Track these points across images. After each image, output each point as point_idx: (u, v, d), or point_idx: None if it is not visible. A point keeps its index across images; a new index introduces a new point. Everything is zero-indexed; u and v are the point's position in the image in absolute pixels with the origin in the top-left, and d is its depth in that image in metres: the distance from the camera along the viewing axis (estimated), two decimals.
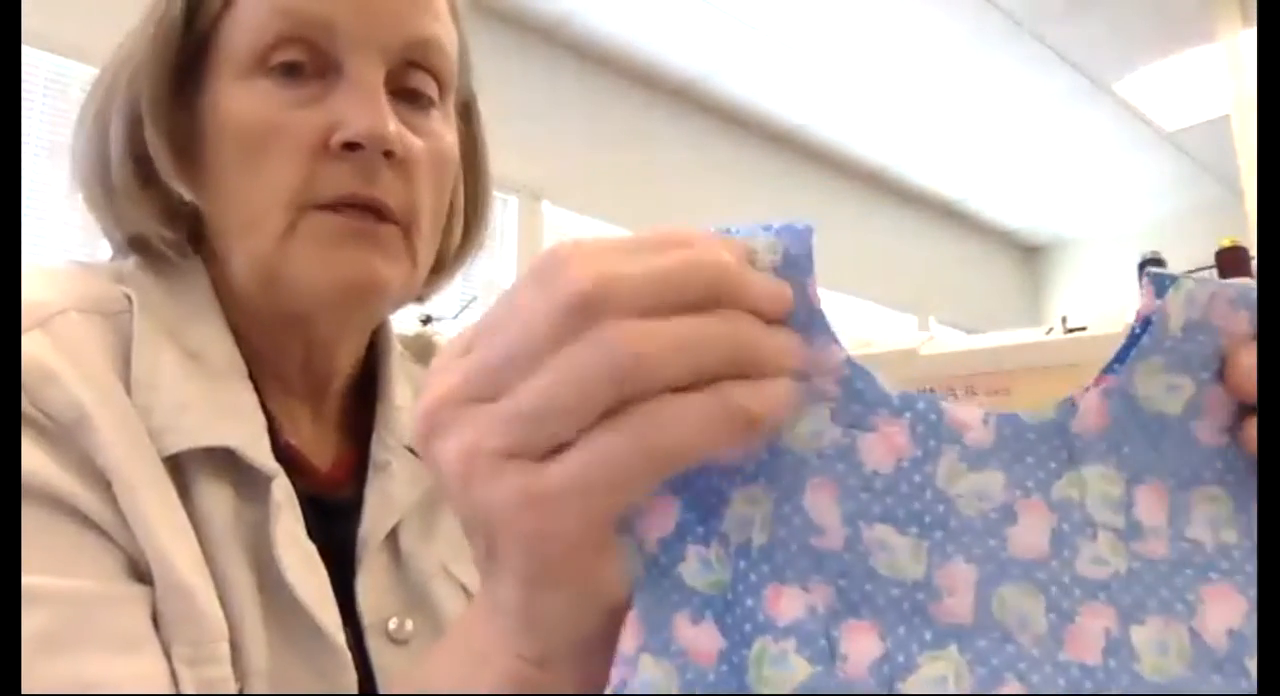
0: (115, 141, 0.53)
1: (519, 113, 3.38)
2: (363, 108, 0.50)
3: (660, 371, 0.24)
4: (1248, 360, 0.27)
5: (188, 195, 0.52)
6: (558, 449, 0.24)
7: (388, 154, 0.51)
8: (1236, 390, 0.27)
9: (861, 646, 0.25)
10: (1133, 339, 0.28)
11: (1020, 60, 3.76)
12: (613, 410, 0.24)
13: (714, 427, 0.24)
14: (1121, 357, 0.28)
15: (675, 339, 0.24)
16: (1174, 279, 0.27)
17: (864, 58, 3.75)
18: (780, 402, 0.26)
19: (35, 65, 2.45)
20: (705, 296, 0.25)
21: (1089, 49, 3.70)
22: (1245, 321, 0.27)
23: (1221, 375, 0.27)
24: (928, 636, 0.25)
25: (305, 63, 0.51)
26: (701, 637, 0.25)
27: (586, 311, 0.24)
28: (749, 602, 0.25)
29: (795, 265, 0.27)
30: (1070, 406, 0.27)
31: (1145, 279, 0.27)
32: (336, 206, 0.50)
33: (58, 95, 2.49)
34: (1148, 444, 0.27)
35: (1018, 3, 3.41)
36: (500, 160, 0.65)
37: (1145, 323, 0.27)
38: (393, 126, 0.51)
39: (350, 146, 0.50)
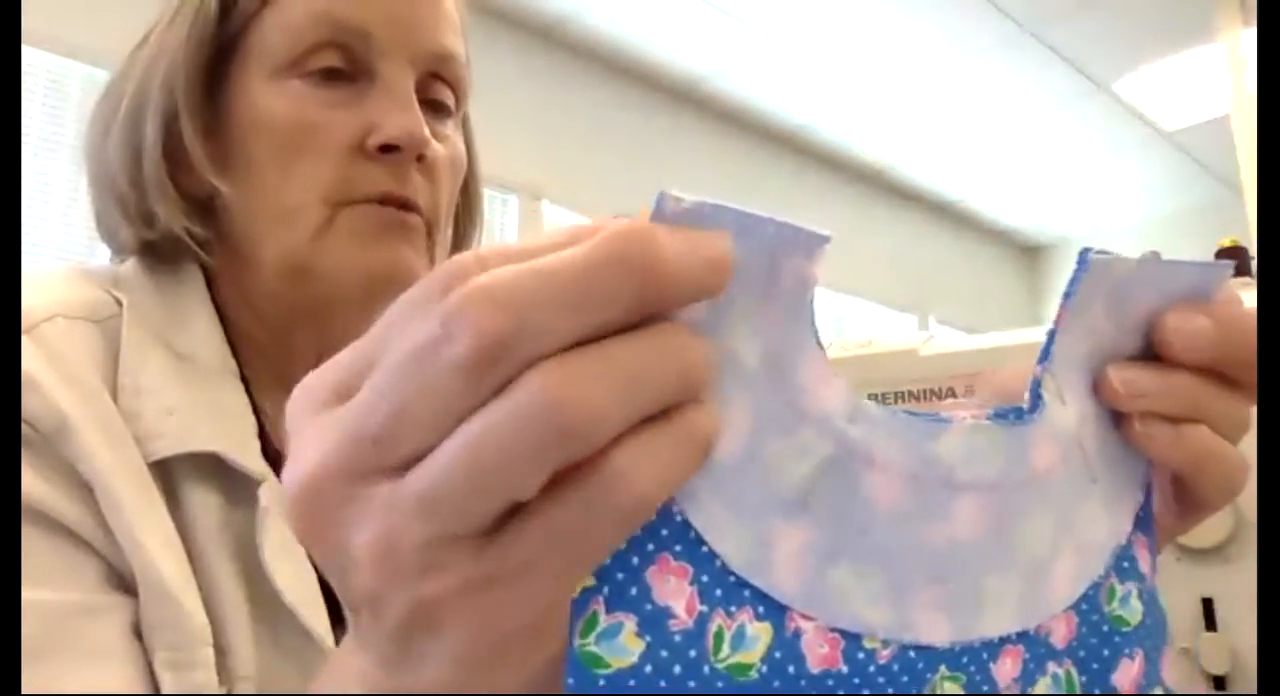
0: (151, 137, 0.53)
1: (519, 113, 3.38)
2: (399, 112, 0.52)
3: (612, 425, 0.19)
4: (1174, 320, 0.26)
5: (224, 188, 0.53)
6: (501, 520, 0.20)
7: (419, 157, 0.53)
8: (1161, 349, 0.27)
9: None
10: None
11: (1020, 60, 3.76)
12: (561, 473, 0.20)
13: (681, 465, 0.21)
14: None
15: (621, 381, 0.20)
16: (1088, 258, 0.26)
17: (865, 58, 3.75)
18: (720, 420, 0.22)
19: (35, 65, 2.45)
20: (631, 306, 0.20)
21: (1089, 49, 3.70)
22: (1166, 293, 0.27)
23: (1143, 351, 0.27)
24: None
25: (341, 67, 0.53)
26: None
27: (502, 362, 0.19)
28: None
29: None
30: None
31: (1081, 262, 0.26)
32: (372, 202, 0.52)
33: (58, 95, 2.49)
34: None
35: (1018, 3, 3.41)
36: (500, 160, 0.67)
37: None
38: (426, 131, 0.53)
39: (386, 149, 0.52)
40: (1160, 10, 3.44)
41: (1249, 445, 0.28)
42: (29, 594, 0.41)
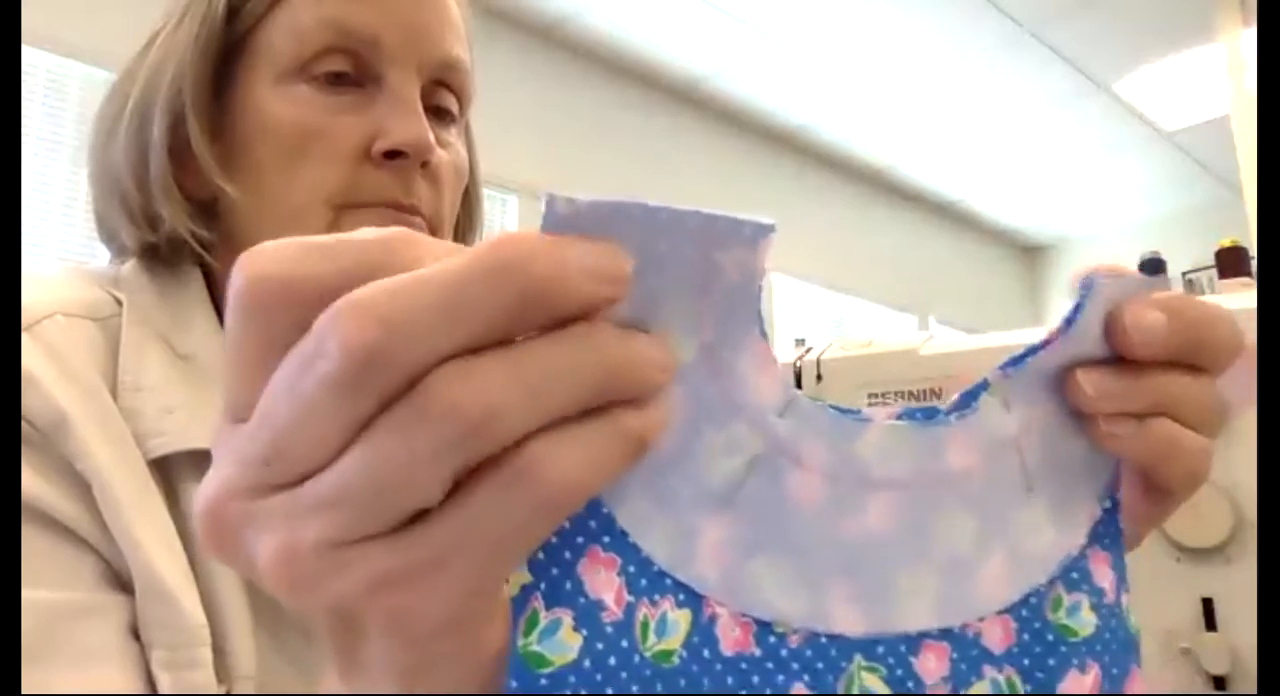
0: (157, 137, 0.53)
1: (519, 113, 3.38)
2: (405, 119, 0.52)
3: (513, 422, 0.19)
4: (1130, 318, 0.26)
5: (229, 190, 0.53)
6: (411, 518, 0.20)
7: (423, 164, 0.53)
8: (1120, 348, 0.27)
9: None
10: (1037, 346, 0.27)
11: (1020, 60, 3.76)
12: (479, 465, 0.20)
13: (607, 458, 0.20)
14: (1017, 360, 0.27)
15: (524, 379, 0.19)
16: (1094, 283, 0.26)
17: (865, 58, 3.75)
18: (662, 421, 0.22)
19: (35, 65, 2.45)
20: (511, 314, 0.19)
21: (1089, 49, 3.70)
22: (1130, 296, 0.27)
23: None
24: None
25: (348, 72, 0.53)
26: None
27: (377, 373, 0.19)
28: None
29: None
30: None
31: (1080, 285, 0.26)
32: (376, 207, 0.53)
33: (57, 95, 2.49)
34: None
35: (1018, 3, 3.41)
36: (500, 160, 0.67)
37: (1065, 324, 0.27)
38: (431, 138, 0.53)
39: (391, 155, 0.52)
40: (1160, 10, 3.44)
41: (1249, 444, 0.28)
42: (26, 593, 0.41)
